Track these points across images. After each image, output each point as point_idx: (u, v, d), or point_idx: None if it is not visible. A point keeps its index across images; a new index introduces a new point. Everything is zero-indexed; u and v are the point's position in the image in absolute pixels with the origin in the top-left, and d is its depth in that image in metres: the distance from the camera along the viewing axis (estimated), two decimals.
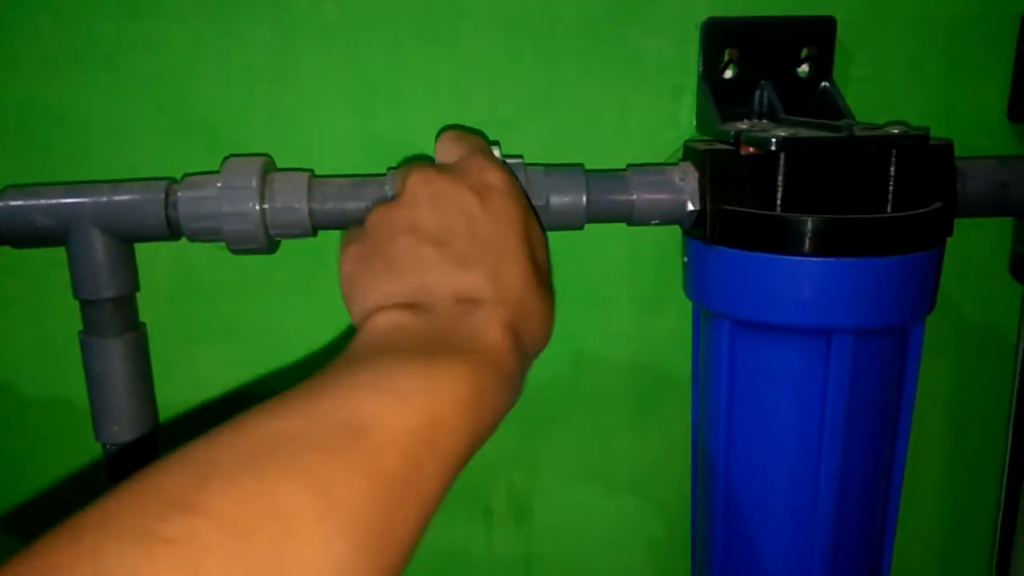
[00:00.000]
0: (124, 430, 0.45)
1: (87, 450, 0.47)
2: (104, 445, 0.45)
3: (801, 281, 0.41)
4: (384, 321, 0.33)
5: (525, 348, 0.35)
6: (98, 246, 0.43)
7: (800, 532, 0.45)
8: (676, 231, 0.50)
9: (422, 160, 0.47)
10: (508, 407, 0.33)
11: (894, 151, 0.42)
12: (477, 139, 0.43)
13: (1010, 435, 0.56)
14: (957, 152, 0.45)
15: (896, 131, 0.42)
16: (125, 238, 0.44)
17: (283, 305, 0.53)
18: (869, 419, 0.44)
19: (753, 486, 0.46)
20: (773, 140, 0.41)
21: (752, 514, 0.46)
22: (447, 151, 0.42)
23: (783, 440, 0.44)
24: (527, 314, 0.35)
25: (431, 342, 0.31)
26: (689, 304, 0.51)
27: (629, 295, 0.55)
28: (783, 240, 0.41)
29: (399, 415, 0.27)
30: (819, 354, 0.42)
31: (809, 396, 0.43)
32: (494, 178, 0.38)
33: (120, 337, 0.44)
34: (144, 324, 0.47)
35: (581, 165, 0.46)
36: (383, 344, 0.31)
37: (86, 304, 0.44)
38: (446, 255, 0.35)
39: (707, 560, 0.50)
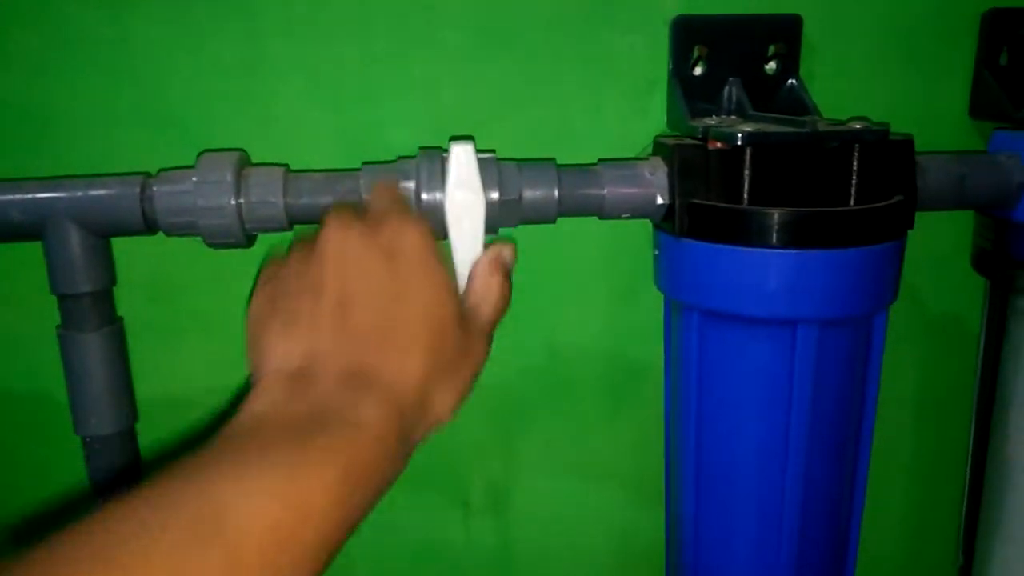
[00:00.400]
0: (103, 423, 0.45)
1: (67, 445, 0.47)
2: (84, 439, 0.46)
3: (766, 273, 0.42)
4: (267, 397, 0.32)
5: (410, 431, 0.34)
6: (74, 241, 0.43)
7: (769, 516, 0.46)
8: (647, 225, 0.51)
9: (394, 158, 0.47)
10: (386, 487, 0.32)
11: (856, 146, 0.43)
12: (401, 194, 0.42)
13: (974, 422, 0.58)
14: (921, 147, 0.46)
15: (858, 126, 0.43)
16: (101, 233, 0.44)
17: None
18: (834, 406, 0.45)
19: (723, 472, 0.47)
20: (740, 135, 0.42)
21: (723, 500, 0.48)
22: (377, 198, 0.41)
23: (751, 427, 0.45)
24: (417, 396, 0.34)
25: (307, 424, 0.31)
26: (661, 296, 0.52)
27: (603, 288, 0.56)
28: (749, 233, 0.42)
29: (260, 507, 0.27)
30: (785, 344, 0.43)
31: (776, 384, 0.44)
32: (410, 242, 0.37)
33: (98, 331, 0.45)
34: (122, 318, 0.47)
35: (553, 160, 0.47)
36: (259, 424, 0.31)
37: (63, 299, 0.44)
38: (343, 324, 0.34)
39: (680, 544, 0.51)
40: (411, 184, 0.44)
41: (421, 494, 0.58)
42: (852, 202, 0.43)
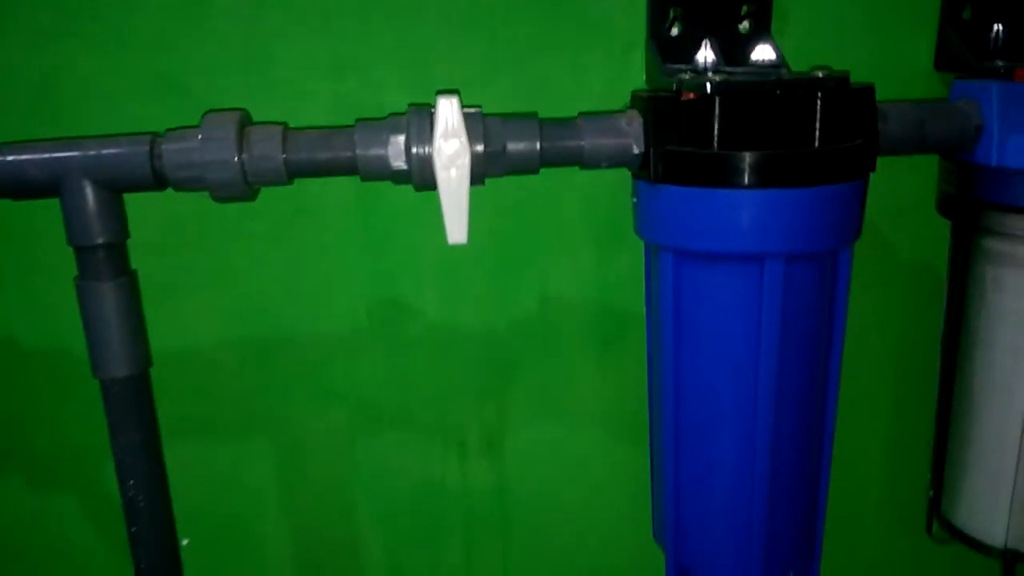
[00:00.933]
0: (119, 366, 0.48)
1: (86, 388, 0.51)
2: (102, 382, 0.49)
3: (735, 211, 0.45)
4: None
5: None
6: (89, 196, 0.46)
7: (743, 444, 0.49)
8: (628, 179, 0.54)
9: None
10: None
11: (819, 93, 0.46)
12: None
13: (940, 361, 0.60)
14: (890, 98, 0.49)
15: (820, 75, 0.46)
16: (114, 188, 0.47)
17: (262, 252, 0.56)
18: (803, 337, 0.48)
19: (700, 404, 0.50)
20: (709, 84, 0.45)
21: (700, 431, 0.50)
22: None
23: (724, 357, 0.48)
24: None
25: None
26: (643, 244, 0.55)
27: (589, 239, 0.59)
28: (719, 174, 0.45)
29: None
30: (753, 278, 0.46)
31: (746, 317, 0.47)
32: None
33: (113, 280, 0.48)
34: (135, 271, 0.50)
35: (535, 114, 0.49)
36: None
37: (80, 250, 0.47)
38: None
39: (663, 475, 0.54)
40: (402, 138, 0.47)
41: (419, 437, 0.61)
42: (816, 145, 0.46)
